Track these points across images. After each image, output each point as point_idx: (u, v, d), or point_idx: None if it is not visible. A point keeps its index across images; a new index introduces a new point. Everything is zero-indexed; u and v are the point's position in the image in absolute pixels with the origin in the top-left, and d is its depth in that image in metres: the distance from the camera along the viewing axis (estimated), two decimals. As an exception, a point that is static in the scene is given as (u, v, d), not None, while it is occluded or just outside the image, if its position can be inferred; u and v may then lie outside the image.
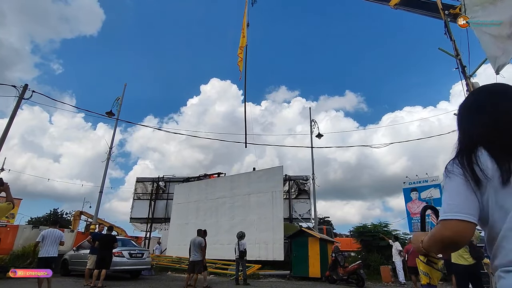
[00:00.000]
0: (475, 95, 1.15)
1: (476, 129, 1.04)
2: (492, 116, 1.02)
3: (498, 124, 0.99)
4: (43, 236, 7.55)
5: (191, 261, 9.01)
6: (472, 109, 1.10)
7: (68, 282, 9.92)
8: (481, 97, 1.10)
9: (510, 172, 0.88)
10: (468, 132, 1.07)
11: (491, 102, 1.05)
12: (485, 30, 5.05)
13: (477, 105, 1.08)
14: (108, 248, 9.19)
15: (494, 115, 1.01)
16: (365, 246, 14.04)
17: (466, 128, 1.09)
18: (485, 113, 1.04)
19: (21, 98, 11.04)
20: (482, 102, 1.08)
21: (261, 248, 13.77)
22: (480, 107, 1.07)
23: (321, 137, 18.00)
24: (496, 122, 0.99)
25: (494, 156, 0.93)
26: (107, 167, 16.75)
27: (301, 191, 19.89)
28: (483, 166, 0.93)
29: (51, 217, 37.26)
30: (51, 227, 8.08)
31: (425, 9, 8.14)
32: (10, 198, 3.58)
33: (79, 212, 26.01)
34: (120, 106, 17.74)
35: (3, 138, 10.55)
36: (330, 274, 10.84)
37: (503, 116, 0.99)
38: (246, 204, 15.30)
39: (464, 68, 6.07)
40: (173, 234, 17.77)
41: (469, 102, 1.14)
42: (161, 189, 22.50)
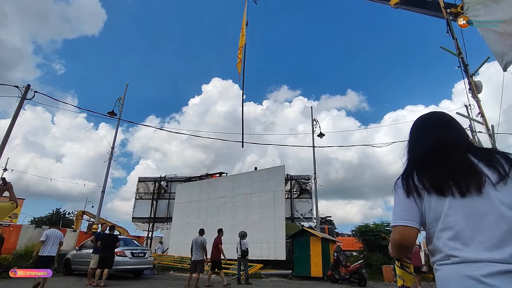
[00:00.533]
0: (413, 125, 1.43)
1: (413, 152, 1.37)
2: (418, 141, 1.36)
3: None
4: (46, 235, 7.88)
5: (193, 260, 9.03)
6: (411, 135, 1.41)
7: (71, 282, 9.96)
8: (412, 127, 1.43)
9: (443, 184, 1.10)
10: (410, 155, 1.37)
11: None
12: (489, 27, 5.02)
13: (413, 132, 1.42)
14: (110, 248, 9.23)
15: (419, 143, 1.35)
16: (367, 245, 14.02)
17: (409, 148, 1.38)
18: (414, 138, 1.40)
19: (23, 99, 11.08)
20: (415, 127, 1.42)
21: (263, 248, 13.78)
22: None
23: (322, 136, 17.96)
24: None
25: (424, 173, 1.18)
26: (109, 167, 16.80)
27: (303, 190, 19.88)
28: (421, 182, 1.16)
29: (54, 217, 37.46)
30: (52, 228, 8.43)
31: (425, 8, 8.11)
32: (13, 197, 3.58)
33: (81, 212, 26.08)
34: (122, 106, 17.78)
35: (5, 139, 10.60)
36: (332, 274, 10.82)
37: (431, 143, 1.28)
38: (247, 203, 15.30)
39: (467, 66, 6.04)
40: (175, 233, 17.81)
41: (411, 129, 1.43)
42: (163, 189, 22.54)
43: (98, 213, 16.70)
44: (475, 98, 6.06)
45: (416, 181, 1.16)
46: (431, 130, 1.31)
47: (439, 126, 1.31)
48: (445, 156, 1.19)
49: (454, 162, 1.15)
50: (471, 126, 8.77)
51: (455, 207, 1.06)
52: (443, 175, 1.12)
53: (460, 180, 1.09)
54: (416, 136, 1.37)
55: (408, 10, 8.65)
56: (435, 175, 1.14)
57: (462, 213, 1.04)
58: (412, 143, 1.38)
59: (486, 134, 6.21)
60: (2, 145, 10.41)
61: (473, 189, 1.06)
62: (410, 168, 1.25)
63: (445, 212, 1.07)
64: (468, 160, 1.14)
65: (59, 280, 10.22)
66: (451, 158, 1.17)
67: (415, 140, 1.37)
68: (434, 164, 1.18)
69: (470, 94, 6.10)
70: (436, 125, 1.32)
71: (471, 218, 1.02)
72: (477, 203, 1.04)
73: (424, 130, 1.35)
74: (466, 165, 1.12)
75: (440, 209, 1.08)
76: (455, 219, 1.04)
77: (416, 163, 1.26)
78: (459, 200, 1.06)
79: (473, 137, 7.24)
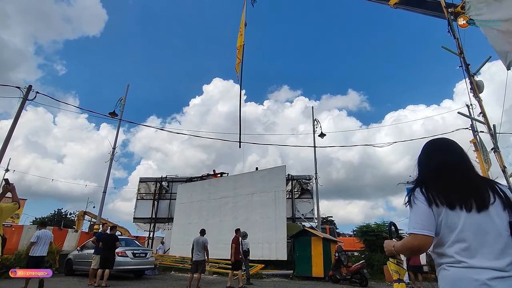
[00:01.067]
0: (425, 147, 1.64)
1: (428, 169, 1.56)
2: (433, 163, 1.53)
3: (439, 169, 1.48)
4: (37, 236, 8.07)
5: (194, 260, 9.01)
6: (423, 156, 1.62)
7: (72, 282, 9.98)
8: (428, 149, 1.63)
9: (455, 202, 1.34)
10: (423, 170, 1.59)
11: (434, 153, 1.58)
12: (492, 26, 5.00)
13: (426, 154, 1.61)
14: (110, 248, 9.24)
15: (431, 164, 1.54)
16: (369, 245, 14.00)
17: (422, 166, 1.60)
18: (425, 158, 1.59)
19: (25, 99, 11.11)
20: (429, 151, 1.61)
21: (264, 248, 13.77)
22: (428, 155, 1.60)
23: (323, 136, 17.95)
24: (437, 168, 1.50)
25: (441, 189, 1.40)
26: (110, 167, 16.83)
27: (304, 190, 19.85)
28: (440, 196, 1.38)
29: (55, 218, 37.53)
30: (42, 229, 8.60)
31: (424, 7, 8.11)
32: (16, 198, 3.65)
33: (82, 212, 26.14)
34: (123, 106, 17.81)
35: (7, 139, 10.64)
36: (333, 274, 10.81)
37: (440, 164, 1.50)
38: (249, 203, 15.30)
39: (468, 66, 6.03)
40: (176, 234, 17.82)
41: (422, 151, 1.64)
42: (164, 189, 22.55)
43: (99, 214, 16.73)
44: (476, 98, 6.05)
45: (432, 195, 1.38)
46: (442, 151, 1.56)
47: (450, 150, 1.55)
48: (452, 176, 1.43)
49: (459, 181, 1.40)
50: (473, 126, 8.74)
51: (467, 224, 1.31)
52: (455, 191, 1.37)
53: (467, 197, 1.34)
54: (425, 158, 1.59)
55: (407, 10, 8.64)
56: (448, 190, 1.38)
57: (472, 230, 1.30)
58: (422, 163, 1.59)
59: (487, 134, 6.20)
60: (4, 145, 10.45)
61: (478, 207, 1.32)
62: (425, 183, 1.46)
63: (460, 228, 1.31)
64: (470, 180, 1.41)
65: (61, 281, 10.25)
66: (457, 177, 1.42)
67: (425, 161, 1.58)
68: (447, 180, 1.42)
69: (471, 93, 6.09)
70: (446, 149, 1.56)
71: (478, 235, 1.29)
72: (482, 221, 1.30)
73: (434, 152, 1.58)
74: (470, 184, 1.39)
75: (455, 223, 1.32)
76: (467, 235, 1.29)
77: (429, 180, 1.47)
78: (469, 216, 1.31)
79: (475, 137, 7.21)
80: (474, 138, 8.08)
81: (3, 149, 10.35)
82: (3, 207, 3.47)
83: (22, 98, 11.06)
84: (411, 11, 8.61)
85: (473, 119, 6.78)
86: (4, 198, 3.73)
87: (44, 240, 8.09)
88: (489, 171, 6.37)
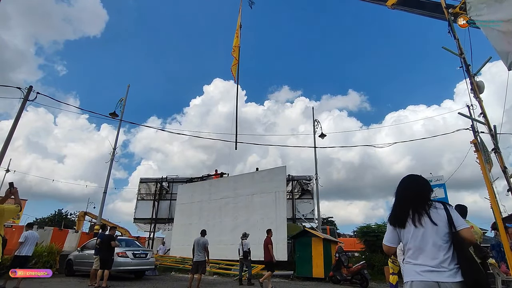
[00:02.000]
0: (398, 184, 2.36)
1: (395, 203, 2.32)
2: (396, 197, 2.30)
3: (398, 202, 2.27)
4: (25, 237, 8.22)
5: (195, 261, 9.01)
6: (395, 192, 2.33)
7: (73, 282, 9.98)
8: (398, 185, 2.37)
9: (405, 223, 2.11)
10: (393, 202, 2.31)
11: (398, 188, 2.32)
12: (493, 26, 5.00)
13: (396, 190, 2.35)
14: (107, 248, 9.21)
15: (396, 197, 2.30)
16: (369, 246, 13.97)
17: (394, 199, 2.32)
18: (395, 195, 2.31)
19: (25, 100, 11.12)
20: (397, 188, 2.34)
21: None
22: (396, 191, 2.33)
23: (324, 137, 17.94)
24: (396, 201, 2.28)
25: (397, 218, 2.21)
26: (111, 168, 16.85)
27: (304, 191, 19.83)
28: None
29: (56, 218, 37.54)
30: (29, 229, 8.72)
31: (422, 8, 8.10)
32: (18, 201, 3.77)
33: (83, 212, 26.15)
34: (123, 107, 17.84)
35: (8, 140, 10.64)
36: (334, 275, 10.80)
37: (398, 198, 2.27)
38: (249, 204, 15.30)
39: (468, 66, 6.02)
40: (176, 234, 17.81)
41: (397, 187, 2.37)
42: (165, 190, 22.54)
43: (100, 214, 16.74)
44: (477, 98, 6.04)
45: (393, 220, 2.20)
46: (403, 188, 2.29)
47: (407, 186, 2.29)
48: (406, 205, 2.17)
49: (411, 209, 2.13)
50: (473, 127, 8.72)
51: (413, 237, 2.04)
52: (404, 217, 2.12)
53: (414, 219, 2.07)
54: (395, 193, 2.31)
55: (405, 10, 8.63)
56: (400, 217, 2.16)
57: (415, 241, 2.03)
58: (395, 195, 2.30)
59: (488, 134, 6.19)
60: (5, 146, 10.45)
61: (420, 224, 2.04)
62: (392, 211, 2.25)
63: (409, 240, 2.06)
64: (420, 207, 2.11)
65: (61, 281, 10.25)
66: (409, 206, 2.14)
67: (396, 194, 2.30)
68: (400, 210, 2.19)
69: (472, 94, 6.08)
70: (405, 186, 2.30)
71: (421, 243, 2.00)
72: (423, 233, 2.01)
73: (399, 187, 2.31)
74: (418, 210, 2.09)
75: (406, 237, 2.09)
76: (413, 245, 2.04)
77: (393, 209, 2.25)
78: (414, 231, 2.04)
79: (475, 137, 7.20)
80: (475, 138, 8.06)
81: (3, 150, 10.35)
82: (5, 208, 3.54)
83: (22, 99, 11.07)
84: (408, 12, 8.59)
85: (473, 120, 6.77)
86: (8, 199, 3.81)
87: (31, 241, 8.31)
88: (491, 172, 6.35)
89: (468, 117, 7.04)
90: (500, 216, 5.91)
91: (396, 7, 8.60)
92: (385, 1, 8.79)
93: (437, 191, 15.91)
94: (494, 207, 5.91)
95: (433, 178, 16.70)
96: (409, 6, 8.41)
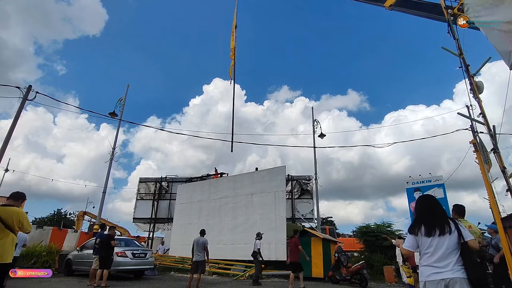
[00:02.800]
0: (416, 201, 2.98)
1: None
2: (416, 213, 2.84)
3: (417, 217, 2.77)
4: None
5: (194, 261, 9.00)
6: (415, 208, 2.91)
7: (72, 282, 9.96)
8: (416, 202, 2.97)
9: (425, 233, 2.56)
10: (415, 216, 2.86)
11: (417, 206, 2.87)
12: (493, 26, 4.98)
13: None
14: (106, 248, 9.20)
15: (416, 213, 2.83)
16: (368, 246, 13.99)
17: (415, 213, 2.87)
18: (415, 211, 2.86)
19: (25, 99, 11.09)
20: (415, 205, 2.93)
21: (264, 248, 13.73)
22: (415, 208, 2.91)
23: (323, 137, 17.96)
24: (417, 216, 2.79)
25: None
26: (110, 167, 16.85)
27: (304, 191, 19.85)
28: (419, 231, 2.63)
29: (55, 218, 37.48)
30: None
31: (420, 9, 8.11)
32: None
33: (82, 212, 26.16)
34: (123, 106, 17.86)
35: (7, 139, 10.62)
36: (333, 274, 10.81)
37: (419, 213, 2.78)
38: (249, 204, 15.30)
39: (468, 67, 6.03)
40: (176, 234, 17.81)
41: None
42: (164, 189, 22.55)
43: (99, 214, 16.74)
44: (476, 99, 6.04)
45: (416, 229, 2.62)
46: (421, 206, 2.84)
47: (425, 204, 2.82)
48: (430, 217, 2.64)
49: (434, 221, 2.60)
50: (472, 127, 8.74)
51: (431, 243, 2.49)
52: (428, 227, 2.56)
53: (436, 230, 2.52)
54: (415, 209, 2.90)
55: (403, 12, 8.62)
56: (425, 227, 2.58)
57: (433, 247, 2.47)
58: (416, 210, 2.84)
59: (487, 134, 6.19)
60: (4, 145, 10.43)
61: (439, 234, 2.49)
62: (415, 222, 2.71)
63: (428, 245, 2.51)
64: (441, 221, 2.58)
65: (60, 281, 10.23)
66: (432, 219, 2.61)
67: (415, 211, 2.87)
68: (424, 222, 2.63)
69: (471, 94, 6.08)
70: (423, 204, 2.84)
71: (435, 249, 2.45)
72: (439, 242, 2.47)
73: (418, 205, 2.88)
74: (439, 223, 2.56)
75: (425, 243, 2.53)
76: (431, 250, 2.48)
77: (417, 221, 2.71)
78: (433, 239, 2.49)
79: (475, 137, 7.21)
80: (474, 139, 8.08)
81: (3, 149, 10.33)
82: (19, 212, 3.75)
83: (22, 98, 11.05)
84: (406, 13, 8.59)
85: (472, 120, 6.77)
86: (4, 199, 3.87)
87: (18, 243, 8.07)
88: (490, 172, 6.36)
89: (467, 117, 7.06)
90: (499, 216, 5.92)
91: (393, 8, 8.60)
92: (383, 2, 8.80)
93: (436, 191, 15.95)
94: (493, 207, 5.92)
95: (432, 178, 16.74)
96: (407, 7, 8.41)
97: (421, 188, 16.87)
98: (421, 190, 16.84)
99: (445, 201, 15.66)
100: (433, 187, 16.24)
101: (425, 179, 17.03)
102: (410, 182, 17.53)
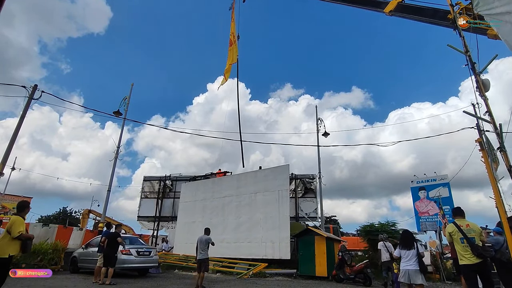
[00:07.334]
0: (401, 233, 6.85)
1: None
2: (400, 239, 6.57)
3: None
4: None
5: (198, 259, 8.99)
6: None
7: (77, 279, 10.07)
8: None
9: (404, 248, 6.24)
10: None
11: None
12: (507, 19, 4.81)
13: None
14: (112, 246, 9.29)
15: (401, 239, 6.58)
16: (372, 245, 13.91)
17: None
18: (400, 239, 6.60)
19: (30, 98, 11.20)
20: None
21: (268, 247, 13.78)
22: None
23: (327, 135, 17.91)
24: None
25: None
26: (114, 166, 16.96)
27: (308, 189, 19.83)
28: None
29: (61, 216, 37.86)
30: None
31: (420, 15, 8.02)
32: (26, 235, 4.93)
33: (87, 210, 26.39)
34: (127, 105, 17.95)
35: (13, 138, 10.73)
36: (337, 273, 10.79)
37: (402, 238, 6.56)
38: (252, 202, 15.32)
39: (474, 64, 5.96)
40: (180, 232, 17.90)
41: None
42: (168, 188, 22.65)
43: (104, 212, 16.88)
44: (482, 97, 5.98)
45: (401, 246, 6.18)
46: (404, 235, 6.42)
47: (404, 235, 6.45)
48: (405, 241, 6.20)
49: (407, 242, 6.12)
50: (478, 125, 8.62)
51: (405, 253, 6.01)
52: (405, 246, 6.11)
53: (407, 246, 6.06)
54: (401, 236, 6.51)
55: (403, 17, 8.53)
56: (403, 246, 6.12)
57: (406, 254, 6.00)
58: (400, 238, 6.45)
59: (493, 133, 6.12)
60: (10, 144, 10.55)
61: (408, 249, 6.00)
62: (400, 244, 6.24)
63: (405, 254, 6.01)
64: (411, 243, 6.08)
65: (66, 278, 10.34)
66: (407, 242, 6.14)
67: (401, 237, 6.45)
68: (403, 244, 6.17)
69: (477, 92, 6.02)
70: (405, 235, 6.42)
71: (407, 255, 5.97)
72: (409, 252, 5.97)
73: (403, 235, 6.48)
74: (410, 244, 6.05)
75: (404, 253, 6.05)
76: (405, 256, 6.01)
77: (400, 242, 6.28)
78: (407, 251, 6.00)
79: (481, 136, 7.13)
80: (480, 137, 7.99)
81: (9, 148, 10.45)
82: (12, 220, 4.79)
83: (27, 97, 11.15)
84: (406, 18, 8.48)
85: (478, 118, 6.70)
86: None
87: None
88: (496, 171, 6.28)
89: (473, 116, 6.99)
90: (505, 215, 5.86)
91: (394, 14, 8.51)
92: (383, 8, 8.72)
93: (441, 190, 15.83)
94: (499, 206, 5.86)
95: (437, 177, 16.63)
96: (407, 12, 8.31)
97: (426, 187, 16.78)
98: (425, 189, 16.74)
99: (450, 200, 15.54)
100: (438, 186, 16.13)
101: (430, 178, 16.92)
102: (415, 181, 17.43)
